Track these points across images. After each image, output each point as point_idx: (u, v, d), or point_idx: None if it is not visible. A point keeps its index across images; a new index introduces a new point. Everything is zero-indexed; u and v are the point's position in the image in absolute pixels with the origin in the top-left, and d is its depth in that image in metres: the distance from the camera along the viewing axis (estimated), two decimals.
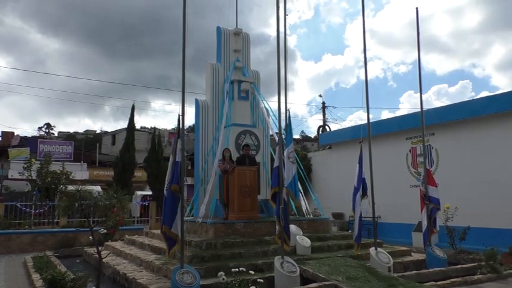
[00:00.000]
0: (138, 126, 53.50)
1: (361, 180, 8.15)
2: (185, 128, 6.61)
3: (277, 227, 6.93)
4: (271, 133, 11.68)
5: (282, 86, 7.50)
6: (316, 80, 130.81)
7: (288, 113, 8.15)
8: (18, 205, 15.10)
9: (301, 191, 10.50)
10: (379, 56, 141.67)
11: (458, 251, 9.64)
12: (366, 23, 8.90)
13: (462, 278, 7.19)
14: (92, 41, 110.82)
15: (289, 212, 7.36)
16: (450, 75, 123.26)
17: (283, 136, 8.14)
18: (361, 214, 8.09)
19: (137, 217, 19.30)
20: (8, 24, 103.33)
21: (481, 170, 12.45)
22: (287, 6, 8.36)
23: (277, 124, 8.43)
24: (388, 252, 8.10)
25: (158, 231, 10.57)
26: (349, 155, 17.20)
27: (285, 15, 8.52)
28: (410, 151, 15.00)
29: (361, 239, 8.23)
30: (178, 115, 6.35)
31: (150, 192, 21.24)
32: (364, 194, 8.18)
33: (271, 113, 11.76)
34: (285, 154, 8.79)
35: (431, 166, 13.45)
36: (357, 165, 8.33)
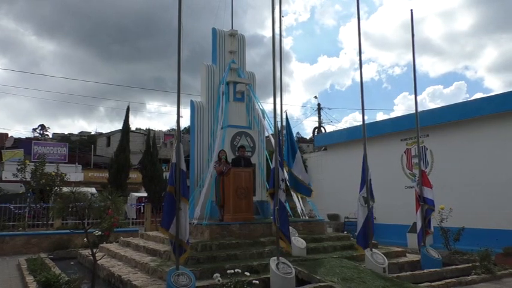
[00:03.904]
0: (133, 127, 53.39)
1: (364, 183, 8.16)
2: (181, 129, 6.58)
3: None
4: (266, 134, 11.69)
5: (277, 88, 7.52)
6: (311, 81, 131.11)
7: (285, 115, 8.17)
8: (11, 207, 15.00)
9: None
10: (374, 59, 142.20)
11: (452, 252, 9.69)
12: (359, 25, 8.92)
13: (456, 279, 7.23)
14: (87, 43, 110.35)
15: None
16: (443, 77, 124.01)
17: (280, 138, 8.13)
18: (368, 216, 7.99)
19: (133, 219, 19.25)
20: (3, 26, 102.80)
21: (476, 171, 12.53)
22: (283, 8, 8.38)
23: (272, 126, 8.43)
24: (383, 253, 8.12)
25: (153, 233, 10.57)
26: (344, 157, 17.28)
27: (281, 16, 8.53)
28: (405, 152, 15.07)
29: (367, 242, 7.96)
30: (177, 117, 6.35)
31: (145, 194, 21.19)
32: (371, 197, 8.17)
33: (266, 115, 11.79)
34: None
35: (426, 167, 13.52)
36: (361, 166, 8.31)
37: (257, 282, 6.07)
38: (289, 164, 9.96)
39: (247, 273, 6.33)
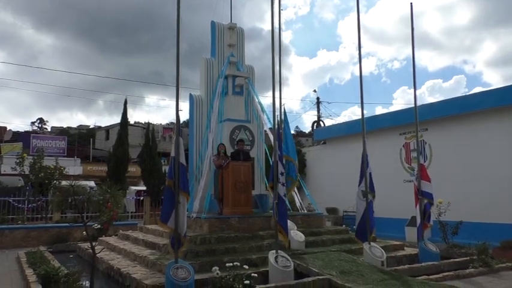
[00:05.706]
0: (132, 121, 53.35)
1: (363, 176, 8.18)
2: (180, 123, 6.56)
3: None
4: (265, 128, 11.67)
5: (276, 81, 7.49)
6: (310, 75, 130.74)
7: (283, 109, 8.13)
8: (10, 200, 14.99)
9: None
10: (373, 53, 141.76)
11: (450, 246, 9.72)
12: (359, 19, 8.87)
13: (454, 272, 7.28)
14: (86, 36, 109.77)
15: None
16: (442, 71, 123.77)
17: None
18: (365, 210, 8.05)
19: (132, 212, 19.29)
20: (0, 19, 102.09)
21: (474, 165, 12.54)
22: (283, 1, 8.32)
23: (271, 119, 8.39)
24: (381, 246, 8.15)
25: (152, 227, 10.59)
26: (343, 150, 17.27)
27: (280, 10, 8.46)
28: (404, 146, 15.08)
29: (366, 236, 8.00)
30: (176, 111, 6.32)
31: (144, 188, 21.20)
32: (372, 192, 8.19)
33: (265, 109, 11.76)
34: None
35: (425, 161, 13.53)
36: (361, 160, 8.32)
37: (256, 275, 6.09)
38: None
39: (246, 267, 6.36)
